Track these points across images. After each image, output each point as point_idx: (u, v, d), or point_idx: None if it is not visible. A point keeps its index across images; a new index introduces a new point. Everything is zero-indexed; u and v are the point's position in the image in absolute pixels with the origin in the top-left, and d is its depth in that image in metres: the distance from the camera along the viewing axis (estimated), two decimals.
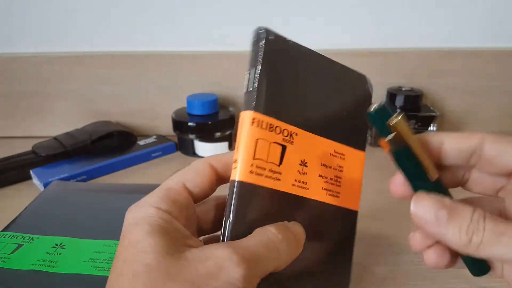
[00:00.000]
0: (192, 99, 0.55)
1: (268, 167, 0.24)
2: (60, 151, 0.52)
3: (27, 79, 0.60)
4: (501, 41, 0.61)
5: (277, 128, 0.24)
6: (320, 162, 0.26)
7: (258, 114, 0.24)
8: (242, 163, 0.23)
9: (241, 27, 0.60)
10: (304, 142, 0.25)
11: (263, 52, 0.24)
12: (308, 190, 0.25)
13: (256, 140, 0.24)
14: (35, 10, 0.59)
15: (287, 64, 0.25)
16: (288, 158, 0.25)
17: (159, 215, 0.22)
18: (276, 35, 0.25)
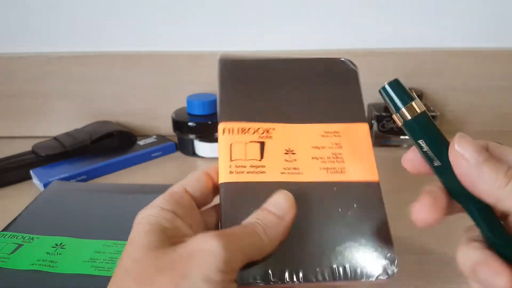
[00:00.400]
0: (192, 99, 0.55)
1: (249, 164, 0.26)
2: (60, 151, 0.52)
3: (27, 79, 0.60)
4: (501, 41, 0.61)
5: (250, 129, 0.27)
6: (310, 146, 0.27)
7: (226, 124, 0.27)
8: (221, 166, 0.26)
9: (241, 27, 0.60)
10: (285, 133, 0.27)
11: (219, 76, 0.29)
12: (302, 174, 0.26)
13: (230, 144, 0.26)
14: (35, 10, 0.59)
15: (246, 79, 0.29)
16: (270, 151, 0.26)
17: (162, 214, 0.23)
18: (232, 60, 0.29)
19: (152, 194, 0.43)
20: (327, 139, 0.27)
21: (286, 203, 0.24)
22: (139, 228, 0.22)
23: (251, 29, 0.60)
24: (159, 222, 0.22)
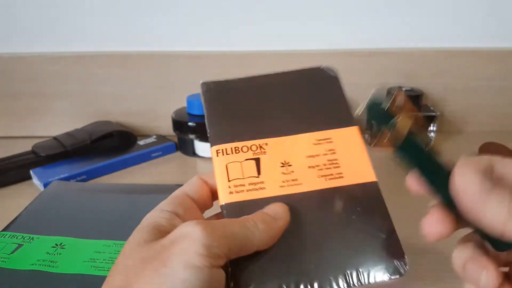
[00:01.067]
0: (192, 99, 0.55)
1: (248, 182, 0.26)
2: (60, 151, 0.52)
3: (27, 79, 0.60)
4: (501, 41, 0.61)
5: (243, 147, 0.27)
6: (305, 155, 0.27)
7: (218, 146, 0.28)
8: (220, 188, 0.26)
9: (241, 27, 0.60)
10: (278, 146, 0.28)
11: (204, 100, 0.30)
12: (302, 185, 0.26)
13: (225, 166, 0.27)
14: (35, 10, 0.59)
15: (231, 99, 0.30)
16: (266, 166, 0.27)
17: (161, 215, 0.24)
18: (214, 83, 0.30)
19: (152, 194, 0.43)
20: (320, 146, 0.28)
21: (281, 208, 0.25)
22: (138, 228, 0.23)
23: (251, 29, 0.60)
24: (155, 220, 0.23)
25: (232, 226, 0.22)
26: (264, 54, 0.60)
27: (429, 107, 0.59)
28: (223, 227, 0.22)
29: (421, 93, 0.57)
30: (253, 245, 0.23)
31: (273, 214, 0.24)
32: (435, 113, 0.57)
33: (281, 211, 0.25)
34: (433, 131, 0.57)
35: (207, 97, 0.30)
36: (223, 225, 0.22)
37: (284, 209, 0.25)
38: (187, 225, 0.21)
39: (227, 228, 0.22)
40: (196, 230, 0.20)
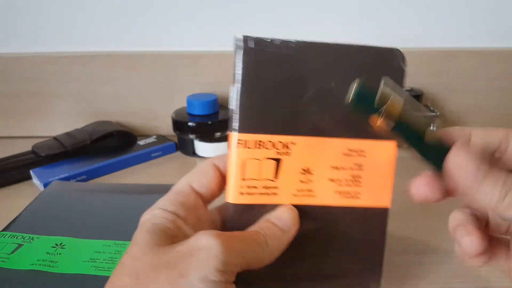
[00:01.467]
0: (192, 99, 0.55)
1: (262, 184, 0.24)
2: (60, 151, 0.52)
3: (27, 79, 0.60)
4: (501, 41, 0.61)
5: (268, 143, 0.23)
6: (330, 165, 0.24)
7: (243, 135, 0.23)
8: (231, 185, 0.24)
9: (241, 27, 0.60)
10: (306, 148, 0.24)
11: (242, 65, 0.23)
12: (315, 197, 0.25)
13: (243, 161, 0.23)
14: (35, 10, 0.59)
15: (273, 71, 0.23)
16: (285, 170, 0.24)
17: (164, 215, 0.23)
18: (257, 41, 0.23)
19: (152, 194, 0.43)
20: (349, 158, 0.24)
21: (290, 218, 0.24)
22: (141, 228, 0.23)
23: (251, 30, 0.60)
24: (161, 222, 0.23)
25: (247, 244, 0.22)
26: None
27: (429, 107, 0.59)
28: (240, 244, 0.22)
29: (421, 93, 0.57)
30: (262, 263, 0.23)
31: (282, 225, 0.24)
32: (435, 113, 0.57)
33: (291, 221, 0.24)
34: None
35: (246, 64, 0.23)
36: (240, 242, 0.22)
37: (294, 218, 0.24)
38: (206, 237, 0.21)
39: (244, 246, 0.22)
40: (216, 245, 0.20)
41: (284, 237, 0.23)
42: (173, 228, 0.23)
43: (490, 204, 0.20)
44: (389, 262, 0.35)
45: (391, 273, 0.33)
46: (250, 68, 0.23)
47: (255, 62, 0.23)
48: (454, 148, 0.21)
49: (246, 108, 0.23)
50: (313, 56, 0.24)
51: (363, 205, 0.25)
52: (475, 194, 0.20)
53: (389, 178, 0.25)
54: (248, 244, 0.22)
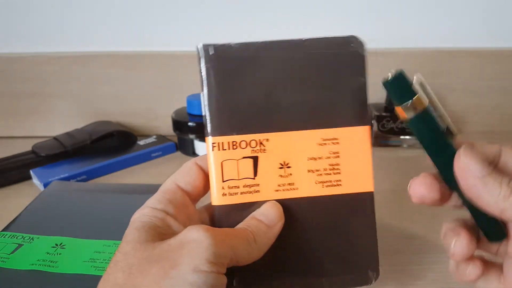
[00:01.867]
0: (192, 99, 0.55)
1: (242, 183, 0.25)
2: (60, 151, 0.52)
3: (27, 79, 0.60)
4: (501, 41, 0.61)
5: (242, 142, 0.24)
6: (306, 157, 0.25)
7: (216, 138, 0.24)
8: (213, 188, 0.25)
9: (241, 27, 0.60)
10: (280, 143, 0.25)
11: (205, 71, 0.24)
12: (297, 190, 0.25)
13: (220, 163, 0.24)
14: (35, 10, 0.59)
15: (238, 74, 0.24)
16: (264, 167, 0.25)
17: (153, 214, 0.24)
18: (216, 47, 0.24)
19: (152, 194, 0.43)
20: (324, 148, 0.25)
21: (275, 214, 0.25)
22: (131, 227, 0.23)
23: (251, 29, 0.60)
24: (151, 220, 0.23)
25: (236, 239, 0.23)
26: None
27: None
28: (230, 239, 0.22)
29: None
30: (251, 259, 0.23)
31: (268, 221, 0.24)
32: None
33: (277, 215, 0.25)
34: None
35: (209, 70, 0.24)
36: (230, 236, 0.23)
37: (279, 212, 0.25)
38: (197, 230, 0.21)
39: (233, 241, 0.22)
40: (206, 237, 0.21)
41: (271, 232, 0.24)
42: (162, 225, 0.23)
43: (496, 202, 0.20)
44: (389, 262, 0.35)
45: (390, 273, 0.33)
46: (212, 74, 0.24)
47: (217, 68, 0.24)
48: (463, 148, 0.22)
49: (215, 112, 0.24)
50: (273, 54, 0.25)
51: (346, 192, 0.26)
52: (481, 192, 0.21)
53: (368, 162, 0.26)
54: (237, 239, 0.23)
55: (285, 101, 0.25)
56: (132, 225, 0.23)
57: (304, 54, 0.25)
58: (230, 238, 0.22)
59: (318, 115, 0.25)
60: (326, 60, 0.25)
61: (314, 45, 0.25)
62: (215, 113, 0.24)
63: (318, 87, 0.25)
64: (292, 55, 0.25)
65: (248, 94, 0.25)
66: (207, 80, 0.24)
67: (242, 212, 0.25)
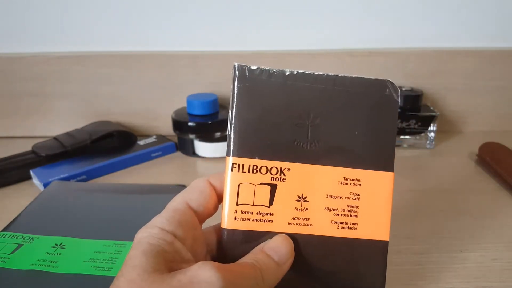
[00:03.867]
0: (192, 99, 0.55)
1: (256, 210, 0.24)
2: (60, 151, 0.52)
3: (27, 79, 0.60)
4: (501, 41, 0.61)
5: (262, 168, 0.24)
6: (326, 194, 0.24)
7: (237, 159, 0.24)
8: (225, 210, 0.24)
9: (241, 27, 0.60)
10: (301, 175, 0.24)
11: (237, 91, 0.24)
12: (311, 226, 0.24)
13: (237, 185, 0.24)
14: (35, 10, 0.59)
15: (269, 99, 0.24)
16: (281, 197, 0.24)
17: (161, 236, 0.22)
18: (251, 70, 0.24)
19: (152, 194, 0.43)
20: (345, 187, 0.24)
21: (286, 251, 0.24)
22: (138, 248, 0.21)
23: (251, 29, 0.60)
24: (159, 244, 0.22)
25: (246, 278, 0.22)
26: (264, 54, 0.60)
27: (429, 107, 0.59)
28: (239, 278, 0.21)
29: (421, 93, 0.58)
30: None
31: (278, 258, 0.23)
32: (435, 113, 0.57)
33: (287, 252, 0.24)
34: (433, 131, 0.57)
35: (240, 90, 0.24)
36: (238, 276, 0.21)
37: (290, 250, 0.24)
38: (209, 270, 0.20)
39: (242, 281, 0.21)
40: (218, 279, 0.20)
41: (280, 270, 0.23)
42: (171, 251, 0.22)
43: None
44: (390, 262, 0.35)
45: (391, 273, 0.33)
46: (244, 95, 0.24)
47: (249, 89, 0.24)
48: None
49: (240, 132, 0.24)
50: (307, 85, 0.25)
51: (361, 237, 0.25)
52: None
53: (387, 210, 0.25)
54: (246, 278, 0.22)
55: (313, 134, 0.24)
56: (138, 247, 0.21)
57: (338, 90, 0.25)
58: (240, 277, 0.21)
59: (344, 153, 0.25)
60: (360, 100, 0.25)
61: (350, 83, 0.25)
62: (240, 133, 0.24)
63: (348, 125, 0.25)
64: (326, 89, 0.25)
65: (276, 121, 0.24)
66: (237, 100, 0.24)
67: (251, 241, 0.24)
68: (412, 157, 0.55)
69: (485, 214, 0.41)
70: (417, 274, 0.33)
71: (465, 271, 0.33)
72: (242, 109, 0.24)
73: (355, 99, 0.25)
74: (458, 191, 0.46)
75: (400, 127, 0.57)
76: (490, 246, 0.36)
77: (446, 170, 0.51)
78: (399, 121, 0.57)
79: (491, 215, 0.41)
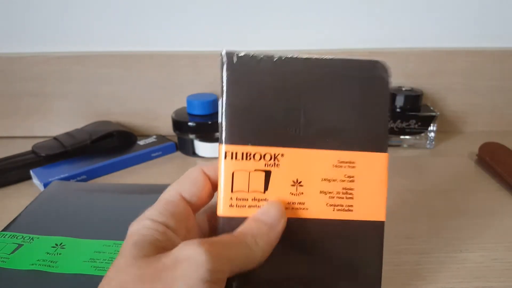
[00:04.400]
0: (192, 99, 0.55)
1: (251, 197, 0.24)
2: (60, 151, 0.52)
3: (27, 79, 0.60)
4: (501, 41, 0.61)
5: (255, 154, 0.24)
6: (320, 177, 0.24)
7: (230, 147, 0.24)
8: (221, 198, 0.24)
9: (241, 27, 0.60)
10: (295, 160, 0.24)
11: (226, 79, 0.24)
12: (307, 210, 0.24)
13: (231, 173, 0.24)
14: (35, 10, 0.59)
15: (259, 85, 0.24)
16: (275, 182, 0.24)
17: (153, 227, 0.22)
18: (240, 56, 0.24)
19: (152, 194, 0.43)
20: (340, 170, 0.24)
21: (276, 212, 0.23)
22: (129, 240, 0.21)
23: (251, 29, 0.60)
24: (151, 234, 0.22)
25: (235, 247, 0.21)
26: None
27: (429, 107, 0.59)
28: (227, 249, 0.21)
29: (421, 93, 0.58)
30: (254, 264, 0.22)
31: (270, 220, 0.23)
32: (435, 113, 0.57)
33: (278, 214, 0.23)
34: (433, 131, 0.57)
35: (230, 78, 0.24)
36: (226, 247, 0.21)
37: (281, 211, 0.24)
38: (190, 247, 0.20)
39: (231, 251, 0.21)
40: (200, 253, 0.19)
41: (273, 232, 0.23)
42: (163, 240, 0.22)
43: None
44: (389, 262, 0.35)
45: (391, 273, 0.33)
46: (233, 82, 0.24)
47: (238, 76, 0.24)
48: None
49: (232, 120, 0.24)
50: (297, 69, 0.24)
51: (356, 219, 0.25)
52: None
53: (382, 190, 0.25)
54: (236, 247, 0.21)
55: (305, 118, 0.24)
56: (130, 239, 0.21)
57: (328, 73, 0.25)
58: (228, 248, 0.21)
59: (337, 136, 0.24)
60: (350, 82, 0.25)
61: (339, 65, 0.25)
62: (231, 121, 0.24)
63: (340, 108, 0.25)
64: (316, 72, 0.24)
65: (267, 107, 0.24)
66: (227, 87, 0.24)
67: None
68: (412, 157, 0.55)
69: (485, 214, 0.41)
70: (417, 274, 0.33)
71: (465, 271, 0.33)
72: (232, 97, 0.24)
73: (345, 81, 0.24)
74: (458, 191, 0.46)
75: (400, 127, 0.57)
76: (490, 246, 0.36)
77: (446, 170, 0.51)
78: (399, 121, 0.57)
79: (491, 215, 0.41)
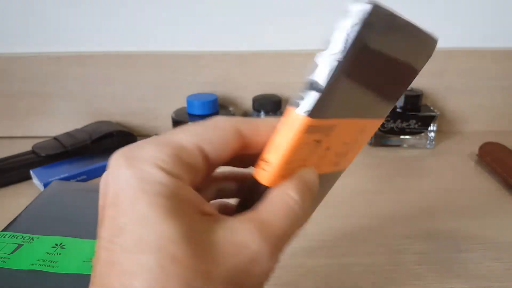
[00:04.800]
0: (192, 99, 0.55)
1: (297, 165, 0.21)
2: (60, 151, 0.52)
3: (27, 79, 0.60)
4: (501, 41, 0.61)
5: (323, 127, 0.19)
6: (343, 142, 0.22)
7: (315, 121, 0.18)
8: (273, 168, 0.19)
9: (241, 27, 0.60)
10: (340, 130, 0.21)
11: (354, 38, 0.17)
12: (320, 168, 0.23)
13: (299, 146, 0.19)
14: (35, 10, 0.59)
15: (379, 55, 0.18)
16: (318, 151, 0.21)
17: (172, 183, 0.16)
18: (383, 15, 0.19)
19: None
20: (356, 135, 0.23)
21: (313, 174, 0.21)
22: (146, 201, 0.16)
23: (251, 29, 0.60)
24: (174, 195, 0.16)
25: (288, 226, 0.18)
26: (264, 54, 0.60)
27: (429, 107, 0.59)
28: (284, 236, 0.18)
29: (421, 93, 0.57)
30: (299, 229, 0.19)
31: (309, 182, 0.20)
32: (435, 113, 0.57)
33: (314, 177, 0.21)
34: (433, 131, 0.57)
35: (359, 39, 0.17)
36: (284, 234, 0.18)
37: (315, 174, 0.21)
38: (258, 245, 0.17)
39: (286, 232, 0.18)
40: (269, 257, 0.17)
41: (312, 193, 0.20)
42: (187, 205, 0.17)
43: None
44: (389, 262, 0.35)
45: (391, 273, 0.33)
46: (361, 45, 0.17)
47: (370, 40, 0.18)
48: None
49: (334, 90, 0.17)
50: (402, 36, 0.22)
51: (336, 170, 0.25)
52: None
53: (361, 148, 0.25)
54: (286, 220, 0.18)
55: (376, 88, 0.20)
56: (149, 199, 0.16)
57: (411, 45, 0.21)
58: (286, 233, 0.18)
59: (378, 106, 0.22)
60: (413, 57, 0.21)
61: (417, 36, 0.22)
62: (332, 91, 0.18)
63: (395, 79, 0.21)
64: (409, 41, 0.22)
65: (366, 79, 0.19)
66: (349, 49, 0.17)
67: None
68: (412, 157, 0.55)
69: (485, 214, 0.41)
70: (417, 274, 0.33)
71: (465, 271, 0.33)
72: (349, 63, 0.17)
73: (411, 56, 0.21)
74: (458, 191, 0.46)
75: (400, 127, 0.57)
76: (490, 246, 0.36)
77: (446, 170, 0.51)
78: (399, 120, 0.57)
79: (491, 215, 0.41)
